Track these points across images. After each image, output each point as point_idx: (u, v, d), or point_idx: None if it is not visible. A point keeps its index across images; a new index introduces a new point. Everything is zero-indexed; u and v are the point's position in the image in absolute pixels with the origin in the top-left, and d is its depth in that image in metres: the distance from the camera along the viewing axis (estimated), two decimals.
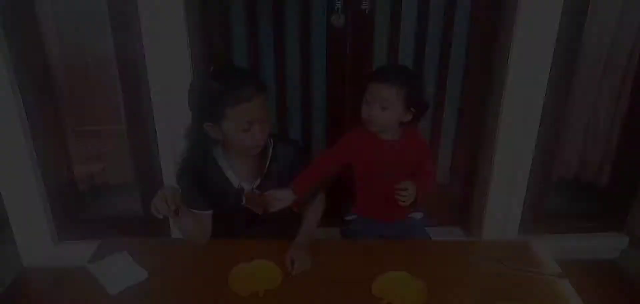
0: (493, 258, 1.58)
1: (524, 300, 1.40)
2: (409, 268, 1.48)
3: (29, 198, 2.52)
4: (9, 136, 2.35)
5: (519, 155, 2.48)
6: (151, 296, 1.40)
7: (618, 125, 2.58)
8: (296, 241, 1.53)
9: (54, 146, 2.50)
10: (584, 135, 2.67)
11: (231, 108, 1.43)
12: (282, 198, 1.57)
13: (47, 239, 2.64)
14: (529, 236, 2.67)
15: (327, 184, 1.76)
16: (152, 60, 2.22)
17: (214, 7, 2.32)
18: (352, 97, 2.45)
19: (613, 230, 2.79)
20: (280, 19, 2.35)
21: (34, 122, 2.42)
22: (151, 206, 1.43)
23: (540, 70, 2.28)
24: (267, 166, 1.64)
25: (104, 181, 2.74)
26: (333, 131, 2.58)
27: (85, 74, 2.44)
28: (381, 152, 1.70)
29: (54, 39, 2.33)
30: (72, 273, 1.49)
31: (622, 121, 2.56)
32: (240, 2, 2.33)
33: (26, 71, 2.31)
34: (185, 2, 2.12)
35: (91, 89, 2.48)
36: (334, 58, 2.42)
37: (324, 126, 2.60)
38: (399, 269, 1.46)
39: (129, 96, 2.38)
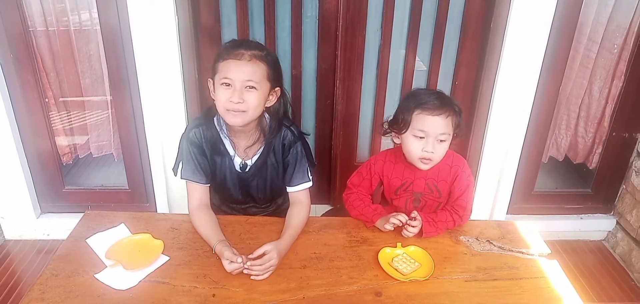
0: (483, 237, 1.58)
1: (513, 279, 1.41)
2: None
3: (11, 171, 2.47)
4: None
5: (510, 135, 2.46)
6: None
7: (611, 107, 2.57)
8: (278, 244, 1.43)
9: (35, 117, 2.43)
10: (577, 117, 2.66)
11: (222, 61, 1.47)
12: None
13: (30, 212, 2.60)
14: (517, 216, 2.69)
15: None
16: (137, 29, 2.16)
17: None
18: (342, 69, 2.41)
19: (601, 212, 2.81)
20: None
21: (14, 93, 2.36)
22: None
23: (535, 50, 2.26)
24: (262, 142, 1.62)
25: (88, 154, 2.68)
26: (322, 101, 2.55)
27: (67, 42, 2.37)
28: (410, 180, 1.66)
29: (34, 5, 2.25)
30: (54, 245, 1.46)
31: (615, 104, 2.54)
32: None
33: (5, 39, 2.24)
34: None
35: (74, 58, 2.40)
36: (326, 30, 2.36)
37: (314, 97, 2.56)
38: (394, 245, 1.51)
39: (114, 65, 2.32)
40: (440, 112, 1.48)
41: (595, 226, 2.81)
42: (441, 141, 1.51)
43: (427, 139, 1.51)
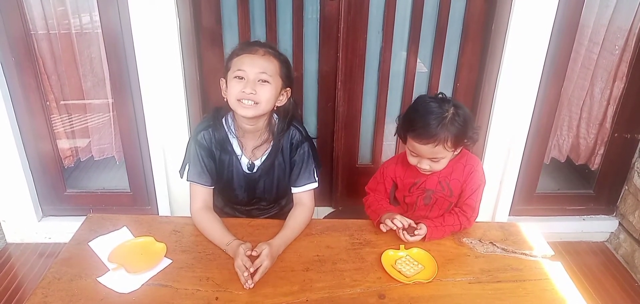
0: (486, 239, 1.58)
1: (517, 281, 1.41)
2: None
3: (12, 174, 2.47)
4: None
5: (512, 137, 2.46)
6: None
7: (612, 109, 2.57)
8: (270, 245, 1.42)
9: (37, 120, 2.43)
10: (578, 118, 2.66)
11: (236, 56, 1.51)
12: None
13: (31, 215, 2.60)
14: (520, 218, 2.69)
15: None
16: (139, 31, 2.16)
17: None
18: (344, 71, 2.41)
19: (603, 213, 2.81)
20: None
21: (16, 96, 2.36)
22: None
23: (537, 52, 2.26)
24: (270, 142, 1.63)
25: (89, 156, 2.68)
26: (323, 104, 2.55)
27: (69, 45, 2.37)
28: (423, 179, 1.66)
29: (35, 8, 2.25)
30: (56, 248, 1.45)
31: (617, 105, 2.54)
32: None
33: (6, 42, 2.23)
34: None
35: (75, 61, 2.40)
36: (328, 32, 2.36)
37: (315, 99, 2.56)
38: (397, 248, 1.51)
39: (115, 68, 2.31)
40: (427, 142, 1.48)
41: (597, 227, 2.80)
42: (435, 160, 1.53)
43: (421, 158, 1.55)
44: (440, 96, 1.55)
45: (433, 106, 1.50)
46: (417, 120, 1.50)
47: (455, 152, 1.56)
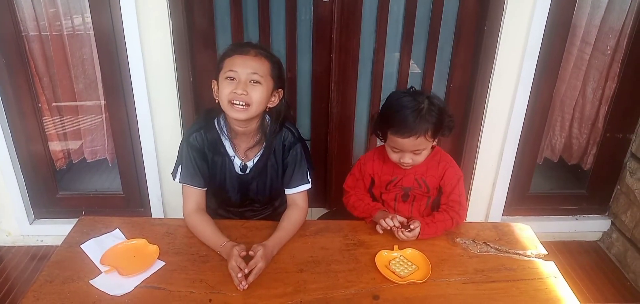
0: (480, 239, 1.58)
1: (511, 281, 1.41)
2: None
3: (3, 176, 2.45)
4: None
5: (505, 137, 2.47)
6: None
7: (604, 109, 2.58)
8: (265, 246, 1.42)
9: (28, 122, 2.41)
10: (571, 118, 2.67)
11: (228, 57, 1.50)
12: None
13: (23, 218, 2.58)
14: (513, 218, 2.69)
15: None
16: (131, 33, 2.14)
17: None
18: (337, 72, 2.41)
19: (596, 213, 2.82)
20: None
21: (7, 98, 2.34)
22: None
23: (529, 52, 2.27)
24: (263, 144, 1.62)
25: (81, 158, 2.66)
26: (317, 105, 2.54)
27: (61, 47, 2.35)
28: (400, 176, 1.68)
29: (27, 10, 2.23)
30: (48, 251, 1.44)
31: (609, 105, 2.56)
32: None
33: None
34: None
35: (67, 62, 2.39)
36: (321, 33, 2.36)
37: (309, 100, 2.56)
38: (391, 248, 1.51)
39: (107, 70, 2.30)
40: (409, 135, 1.51)
41: (590, 227, 2.82)
42: (417, 153, 1.56)
43: (402, 152, 1.57)
44: (411, 89, 1.59)
45: (407, 100, 1.53)
46: (395, 116, 1.53)
47: (433, 143, 1.59)
